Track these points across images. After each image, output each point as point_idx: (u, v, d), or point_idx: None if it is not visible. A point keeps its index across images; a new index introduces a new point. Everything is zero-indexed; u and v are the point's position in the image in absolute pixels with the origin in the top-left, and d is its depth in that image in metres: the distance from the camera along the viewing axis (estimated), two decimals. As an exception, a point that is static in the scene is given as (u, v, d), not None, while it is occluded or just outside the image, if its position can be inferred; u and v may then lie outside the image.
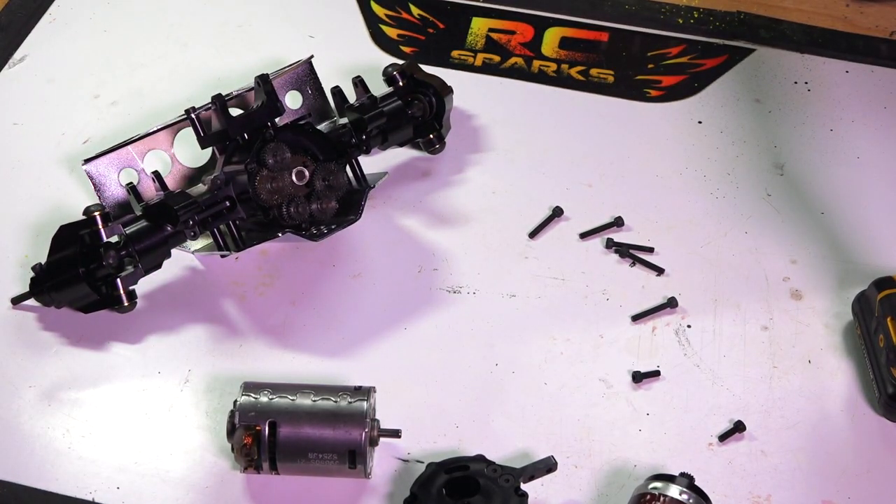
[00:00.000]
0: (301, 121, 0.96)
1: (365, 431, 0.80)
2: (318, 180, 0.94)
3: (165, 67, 1.15)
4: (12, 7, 1.20)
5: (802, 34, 1.18)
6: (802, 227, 1.01)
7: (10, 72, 1.14)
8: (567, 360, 0.92)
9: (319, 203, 0.94)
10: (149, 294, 0.96)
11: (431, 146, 1.05)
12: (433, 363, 0.92)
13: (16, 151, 1.07)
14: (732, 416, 0.88)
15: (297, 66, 1.01)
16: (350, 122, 0.99)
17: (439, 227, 1.01)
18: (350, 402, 0.82)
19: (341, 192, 0.95)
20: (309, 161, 0.94)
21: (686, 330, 0.94)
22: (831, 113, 1.10)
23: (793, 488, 0.84)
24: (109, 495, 0.84)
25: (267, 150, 0.92)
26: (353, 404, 0.81)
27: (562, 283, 0.97)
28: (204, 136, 0.94)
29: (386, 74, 1.04)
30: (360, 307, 0.95)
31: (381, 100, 1.01)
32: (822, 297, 0.96)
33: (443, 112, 1.03)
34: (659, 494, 0.78)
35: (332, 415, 0.81)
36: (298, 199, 0.93)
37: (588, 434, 0.87)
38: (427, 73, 1.05)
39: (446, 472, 0.81)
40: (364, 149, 0.99)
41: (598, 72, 1.15)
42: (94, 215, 0.90)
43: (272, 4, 1.21)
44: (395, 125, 1.01)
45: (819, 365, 0.92)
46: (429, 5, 1.22)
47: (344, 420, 0.81)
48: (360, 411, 0.81)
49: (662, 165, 1.06)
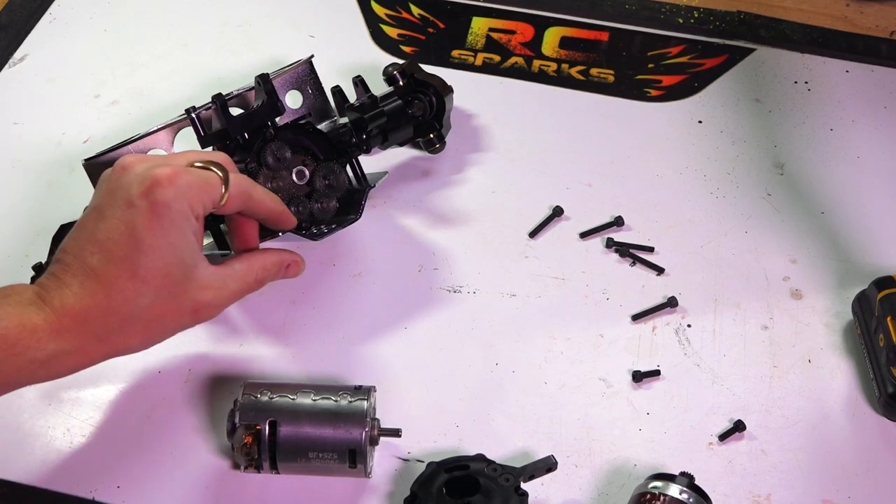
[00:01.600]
0: (301, 120, 0.96)
1: (365, 431, 0.80)
2: (319, 180, 0.94)
3: (165, 67, 1.15)
4: (12, 7, 1.20)
5: (802, 34, 1.19)
6: (802, 227, 1.01)
7: (10, 71, 1.14)
8: (567, 360, 0.92)
9: (320, 202, 0.94)
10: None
11: (432, 145, 1.05)
12: (433, 363, 0.92)
13: (16, 151, 1.07)
14: (732, 416, 0.88)
15: (298, 65, 1.01)
16: (350, 121, 0.99)
17: (439, 227, 1.01)
18: (350, 401, 0.82)
19: (342, 191, 0.95)
20: (309, 160, 0.94)
21: (686, 329, 0.94)
22: (831, 113, 1.11)
23: (793, 488, 0.84)
24: (109, 494, 0.84)
25: (267, 149, 0.92)
26: (353, 403, 0.81)
27: (562, 283, 0.97)
28: (204, 135, 0.94)
29: (386, 74, 1.04)
30: (360, 307, 0.95)
31: (382, 99, 1.01)
32: (822, 297, 0.96)
33: (443, 111, 1.03)
34: (659, 494, 0.78)
35: (332, 414, 0.81)
36: (299, 198, 0.93)
37: (588, 433, 0.87)
38: (427, 73, 1.05)
39: (446, 472, 0.81)
40: (364, 148, 0.99)
41: (598, 71, 1.15)
42: None
43: (272, 4, 1.22)
44: (396, 125, 1.01)
45: (819, 364, 0.92)
46: (429, 5, 1.22)
47: (344, 419, 0.81)
48: (361, 410, 0.81)
49: (662, 165, 1.06)
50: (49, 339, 0.75)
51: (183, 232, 0.79)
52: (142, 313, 0.78)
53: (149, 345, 0.81)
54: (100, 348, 0.78)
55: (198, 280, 0.80)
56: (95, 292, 0.76)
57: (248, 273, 0.85)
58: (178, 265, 0.78)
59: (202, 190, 0.80)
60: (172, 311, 0.80)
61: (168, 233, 0.78)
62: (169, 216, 0.78)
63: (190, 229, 0.79)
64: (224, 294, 0.83)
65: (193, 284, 0.80)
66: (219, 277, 0.82)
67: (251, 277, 0.85)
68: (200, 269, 0.81)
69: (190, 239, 0.79)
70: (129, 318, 0.78)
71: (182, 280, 0.79)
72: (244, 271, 0.85)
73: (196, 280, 0.80)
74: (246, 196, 0.84)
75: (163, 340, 0.82)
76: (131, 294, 0.77)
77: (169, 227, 0.78)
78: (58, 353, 0.76)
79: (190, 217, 0.79)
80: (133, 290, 0.77)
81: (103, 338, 0.77)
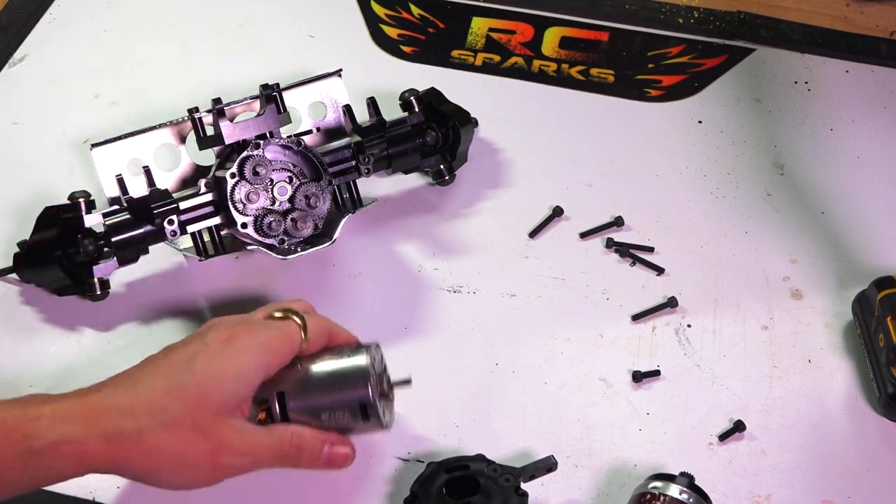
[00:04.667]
0: (299, 136, 0.96)
1: (370, 384, 0.79)
2: (300, 198, 0.93)
3: (165, 67, 1.15)
4: (12, 7, 1.20)
5: (802, 34, 1.19)
6: (802, 227, 1.01)
7: (10, 71, 1.14)
8: (567, 360, 0.92)
9: (295, 222, 0.93)
10: (152, 293, 0.96)
11: (440, 177, 1.02)
12: (433, 363, 0.92)
13: (16, 151, 1.07)
14: (732, 416, 0.88)
15: (324, 77, 1.00)
16: (353, 143, 0.98)
17: (439, 227, 1.01)
18: (351, 355, 0.81)
19: (322, 213, 0.94)
20: (295, 178, 0.93)
21: (686, 329, 0.94)
22: (831, 113, 1.11)
23: (793, 488, 0.84)
24: (109, 494, 0.84)
25: (250, 161, 0.91)
26: (353, 358, 0.81)
27: (562, 283, 0.97)
28: (203, 137, 0.94)
29: (402, 99, 1.01)
30: (360, 307, 0.95)
31: (392, 125, 0.99)
32: (822, 297, 0.96)
33: (458, 144, 1.01)
34: (659, 494, 0.78)
35: (336, 373, 0.80)
36: (275, 213, 0.92)
37: (588, 433, 0.87)
38: (449, 102, 1.02)
39: (446, 472, 0.81)
40: (362, 171, 0.97)
41: (598, 71, 1.15)
42: (79, 201, 0.91)
43: (272, 4, 1.21)
44: (401, 152, 0.99)
45: (819, 364, 0.92)
46: (429, 5, 1.22)
47: (349, 376, 0.80)
48: (362, 365, 0.80)
49: (662, 165, 1.06)
50: (50, 425, 0.71)
51: (240, 371, 0.75)
52: (158, 428, 0.73)
53: (157, 471, 0.75)
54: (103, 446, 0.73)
55: (230, 423, 0.75)
56: (122, 395, 0.74)
57: (282, 442, 0.78)
58: (218, 393, 0.74)
59: (280, 341, 0.78)
60: (189, 439, 0.74)
61: (224, 363, 0.75)
62: (235, 351, 0.75)
63: (251, 376, 0.76)
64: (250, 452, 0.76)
65: (223, 426, 0.75)
66: (252, 435, 0.76)
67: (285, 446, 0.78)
68: (238, 416, 0.76)
69: (246, 377, 0.76)
70: (142, 428, 0.73)
71: (213, 414, 0.74)
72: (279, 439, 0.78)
73: (229, 423, 0.75)
74: (327, 335, 0.82)
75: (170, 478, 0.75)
76: (157, 405, 0.73)
77: (231, 358, 0.75)
78: (57, 441, 0.71)
79: (257, 367, 0.76)
80: (160, 403, 0.73)
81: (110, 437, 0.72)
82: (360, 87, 1.05)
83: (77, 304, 0.94)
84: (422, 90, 1.02)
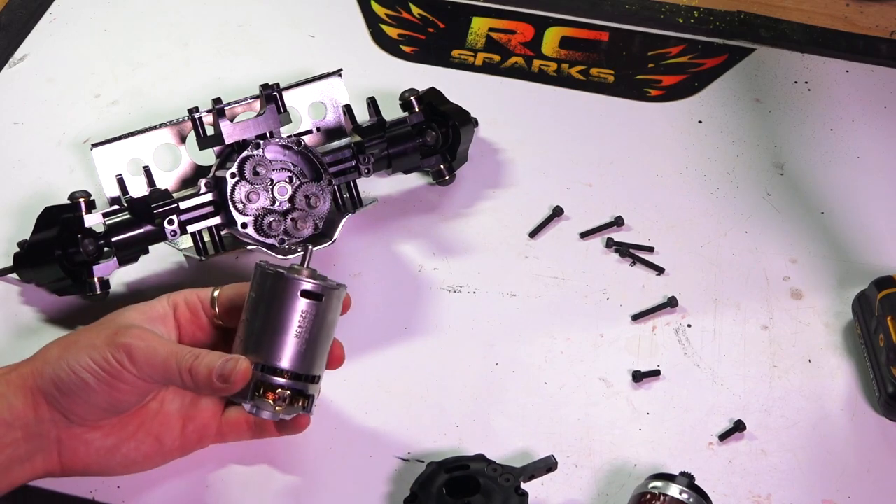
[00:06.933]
0: (299, 136, 0.96)
1: (292, 275, 0.79)
2: (300, 198, 0.93)
3: (165, 67, 1.15)
4: (12, 6, 1.20)
5: (802, 34, 1.19)
6: (802, 227, 1.01)
7: (10, 71, 1.14)
8: (567, 360, 0.92)
9: (295, 221, 0.93)
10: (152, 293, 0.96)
11: (440, 177, 1.02)
12: (433, 362, 0.92)
13: (16, 151, 1.07)
14: (732, 416, 0.88)
15: (324, 77, 1.00)
16: (353, 143, 0.98)
17: (439, 227, 1.01)
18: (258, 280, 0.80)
19: (322, 213, 0.94)
20: (295, 178, 0.94)
21: (686, 329, 0.94)
22: (831, 113, 1.11)
23: (793, 488, 0.84)
24: (109, 494, 0.84)
25: (250, 160, 0.91)
26: (259, 281, 0.80)
27: (562, 283, 0.97)
28: (203, 137, 0.94)
29: (402, 99, 1.01)
30: (360, 307, 0.95)
31: (392, 125, 0.99)
32: (822, 297, 0.96)
33: (458, 144, 1.01)
34: (659, 494, 0.78)
35: (258, 297, 0.80)
36: (275, 214, 0.92)
37: (588, 433, 0.87)
38: (449, 103, 1.02)
39: (446, 472, 0.81)
40: (362, 171, 0.97)
41: (598, 71, 1.15)
42: (79, 201, 0.91)
43: (272, 4, 1.22)
44: (401, 152, 0.99)
45: (819, 364, 0.92)
46: (429, 5, 1.22)
47: (273, 291, 0.79)
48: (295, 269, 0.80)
49: (662, 165, 1.06)
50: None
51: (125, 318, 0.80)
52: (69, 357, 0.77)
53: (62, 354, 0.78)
54: None
55: (128, 317, 0.80)
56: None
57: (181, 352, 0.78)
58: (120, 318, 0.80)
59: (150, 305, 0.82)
60: (89, 330, 0.79)
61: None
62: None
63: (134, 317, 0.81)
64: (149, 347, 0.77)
65: (122, 318, 0.80)
66: (151, 335, 0.79)
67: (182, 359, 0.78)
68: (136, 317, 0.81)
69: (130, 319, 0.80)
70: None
71: (115, 315, 0.81)
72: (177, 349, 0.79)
73: (126, 317, 0.80)
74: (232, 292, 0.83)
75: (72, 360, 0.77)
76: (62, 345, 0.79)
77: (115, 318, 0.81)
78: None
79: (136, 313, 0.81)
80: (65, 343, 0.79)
81: None
82: (360, 86, 1.05)
83: (77, 304, 0.95)
84: (422, 90, 1.02)
